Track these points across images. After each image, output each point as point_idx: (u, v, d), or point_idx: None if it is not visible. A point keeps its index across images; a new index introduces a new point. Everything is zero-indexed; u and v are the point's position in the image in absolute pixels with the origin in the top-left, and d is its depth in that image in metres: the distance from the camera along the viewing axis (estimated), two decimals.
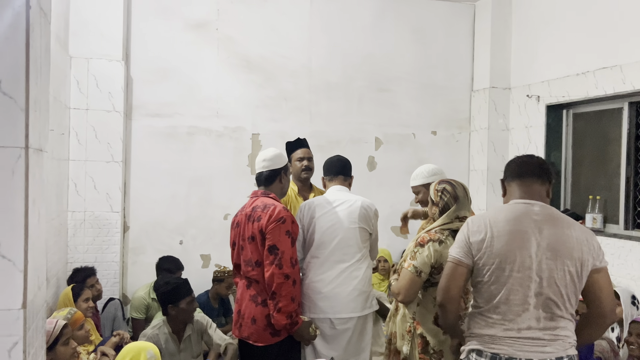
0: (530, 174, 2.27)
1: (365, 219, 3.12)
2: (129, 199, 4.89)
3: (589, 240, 2.18)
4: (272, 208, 2.82)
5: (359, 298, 3.05)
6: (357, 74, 5.48)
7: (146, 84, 4.91)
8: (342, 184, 3.24)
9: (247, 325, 2.90)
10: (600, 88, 4.48)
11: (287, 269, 2.74)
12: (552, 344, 2.08)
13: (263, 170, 3.00)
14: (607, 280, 2.18)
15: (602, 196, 4.66)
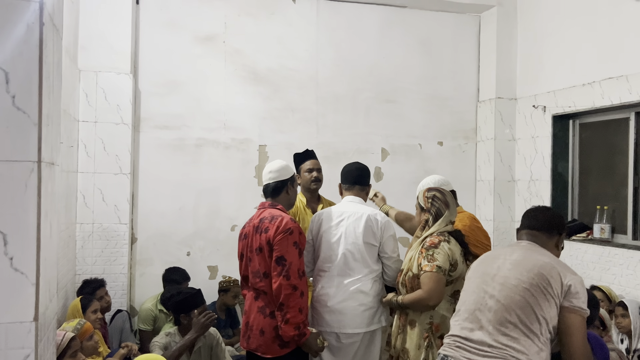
0: (537, 227, 2.40)
1: (371, 233, 3.03)
2: (137, 211, 4.91)
3: (563, 272, 2.18)
4: (280, 219, 2.83)
5: (366, 314, 3.01)
6: (363, 86, 5.51)
7: (154, 97, 4.95)
8: (357, 194, 3.19)
9: (255, 337, 2.89)
10: (607, 98, 4.48)
11: (294, 280, 2.75)
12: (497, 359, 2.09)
13: (270, 181, 3.01)
14: (579, 326, 2.12)
15: (609, 206, 4.64)
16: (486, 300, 2.21)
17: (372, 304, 3.03)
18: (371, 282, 3.03)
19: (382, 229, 3.05)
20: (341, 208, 3.14)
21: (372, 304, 3.02)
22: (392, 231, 3.09)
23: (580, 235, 4.79)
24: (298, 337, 2.77)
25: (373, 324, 3.04)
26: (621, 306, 3.79)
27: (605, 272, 4.43)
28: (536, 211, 2.47)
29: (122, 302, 4.63)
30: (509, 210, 5.54)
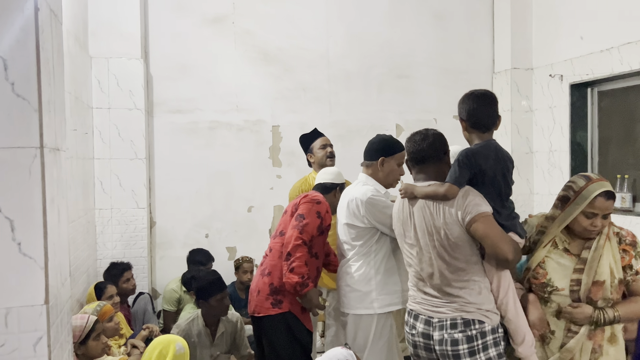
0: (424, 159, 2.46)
1: (353, 214, 2.88)
2: (154, 195, 4.96)
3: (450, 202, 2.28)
4: (315, 194, 3.02)
5: (351, 295, 2.91)
6: (375, 62, 5.43)
7: (166, 81, 4.96)
8: (365, 172, 2.99)
9: (253, 298, 3.00)
10: (626, 64, 4.34)
11: (306, 236, 2.85)
12: (447, 305, 2.30)
13: (324, 181, 3.19)
14: (484, 230, 2.21)
15: (630, 175, 4.53)
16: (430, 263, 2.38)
17: (358, 286, 2.89)
18: (357, 264, 2.90)
19: (364, 208, 2.82)
20: (347, 189, 3.08)
21: (357, 287, 2.89)
22: (378, 206, 2.80)
23: None
24: (300, 287, 2.80)
25: (359, 308, 2.88)
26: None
27: None
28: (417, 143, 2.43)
29: (144, 285, 4.71)
30: (527, 182, 5.45)
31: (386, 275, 2.88)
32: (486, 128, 2.40)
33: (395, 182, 3.00)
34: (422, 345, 2.37)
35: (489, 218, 2.22)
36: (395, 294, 2.89)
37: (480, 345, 2.25)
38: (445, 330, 2.28)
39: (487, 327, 2.27)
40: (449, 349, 2.26)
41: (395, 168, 2.93)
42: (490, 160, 2.30)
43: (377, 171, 2.94)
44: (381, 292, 2.86)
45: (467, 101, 2.43)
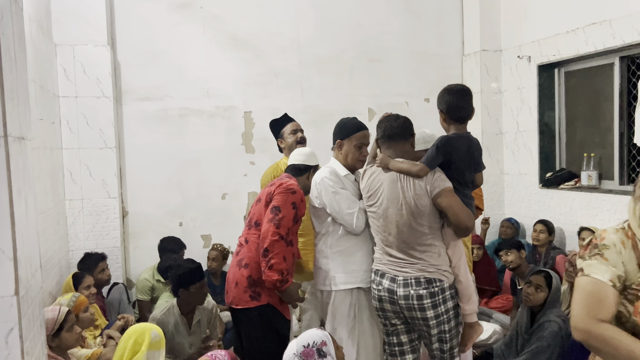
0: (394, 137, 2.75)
1: (312, 195, 3.01)
2: (126, 185, 4.89)
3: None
4: (287, 182, 2.94)
5: (316, 272, 3.06)
6: (346, 46, 5.42)
7: (134, 68, 4.87)
8: (335, 155, 3.04)
9: (231, 289, 2.97)
10: (591, 44, 4.43)
11: (283, 231, 2.82)
12: (411, 266, 2.63)
13: (297, 162, 3.13)
14: (448, 202, 2.54)
15: (596, 153, 4.65)
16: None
17: (319, 264, 3.02)
18: (319, 243, 3.04)
19: (317, 189, 2.94)
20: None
21: (318, 264, 3.03)
22: (327, 189, 2.88)
23: (569, 183, 4.81)
24: (280, 283, 2.80)
25: (324, 285, 2.99)
26: None
27: (593, 218, 4.47)
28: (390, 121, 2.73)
29: (118, 275, 4.66)
30: (497, 163, 5.55)
31: (344, 254, 2.92)
32: (463, 120, 2.69)
33: (358, 164, 2.99)
34: (387, 299, 2.70)
35: (452, 192, 2.58)
36: (353, 273, 2.91)
37: (440, 299, 2.63)
38: (410, 287, 2.62)
39: (445, 284, 2.65)
40: (415, 303, 2.61)
41: (353, 150, 2.94)
42: (461, 153, 2.61)
43: (337, 153, 3.00)
44: (338, 270, 2.92)
45: (447, 95, 2.69)
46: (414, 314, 2.66)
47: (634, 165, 4.39)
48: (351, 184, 2.95)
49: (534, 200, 5.15)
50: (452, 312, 2.68)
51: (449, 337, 2.69)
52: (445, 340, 2.69)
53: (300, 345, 2.16)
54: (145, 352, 2.71)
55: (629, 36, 4.08)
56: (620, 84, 4.38)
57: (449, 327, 2.68)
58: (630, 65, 4.35)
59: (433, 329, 2.66)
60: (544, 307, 3.26)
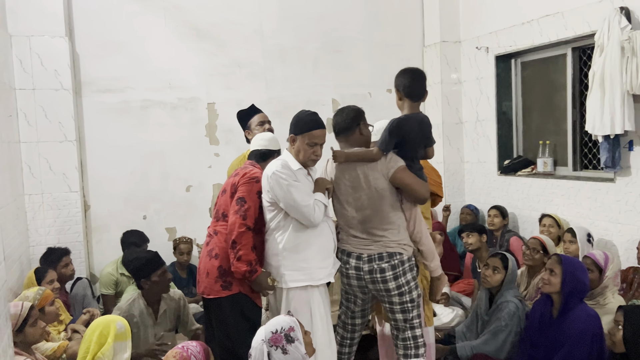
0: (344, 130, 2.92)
1: (264, 189, 2.89)
2: (87, 178, 4.82)
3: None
4: (251, 170, 2.95)
5: (266, 269, 2.95)
6: (310, 37, 5.46)
7: (94, 59, 4.79)
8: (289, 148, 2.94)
9: (202, 279, 3.01)
10: (545, 35, 4.60)
11: (250, 222, 2.84)
12: (374, 244, 2.84)
13: (260, 148, 3.12)
14: (403, 179, 2.78)
15: (551, 141, 4.84)
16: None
17: (269, 260, 2.93)
18: (269, 238, 2.93)
19: (268, 182, 2.83)
20: None
21: (269, 260, 2.93)
22: (281, 183, 2.77)
23: (526, 170, 4.99)
24: (249, 274, 2.83)
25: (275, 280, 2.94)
26: (570, 233, 4.01)
27: (549, 203, 4.66)
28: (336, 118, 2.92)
29: (81, 270, 4.61)
30: (457, 152, 5.70)
31: (293, 251, 2.84)
32: (417, 98, 2.92)
33: (310, 162, 2.88)
34: (354, 276, 2.91)
35: (405, 169, 2.81)
36: (302, 270, 2.84)
37: (401, 270, 2.85)
38: (374, 262, 2.82)
39: (405, 256, 2.86)
40: (378, 276, 2.83)
41: (305, 147, 2.81)
42: (413, 132, 2.83)
43: (290, 147, 2.89)
44: (288, 267, 2.85)
45: (404, 74, 2.95)
46: (377, 287, 2.86)
47: (586, 152, 4.59)
48: (304, 178, 2.86)
49: (493, 187, 5.33)
50: (412, 284, 2.90)
51: (411, 307, 2.90)
52: (407, 309, 2.90)
53: (268, 332, 2.21)
54: (112, 344, 2.71)
55: (580, 28, 4.25)
56: (573, 74, 4.56)
57: (410, 297, 2.88)
58: (582, 56, 4.53)
59: (395, 299, 2.87)
60: (501, 288, 3.39)
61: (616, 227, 4.09)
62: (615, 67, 3.77)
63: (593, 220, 4.25)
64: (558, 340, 2.98)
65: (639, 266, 3.69)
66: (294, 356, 2.17)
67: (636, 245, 3.70)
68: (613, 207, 4.10)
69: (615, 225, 4.09)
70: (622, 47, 3.72)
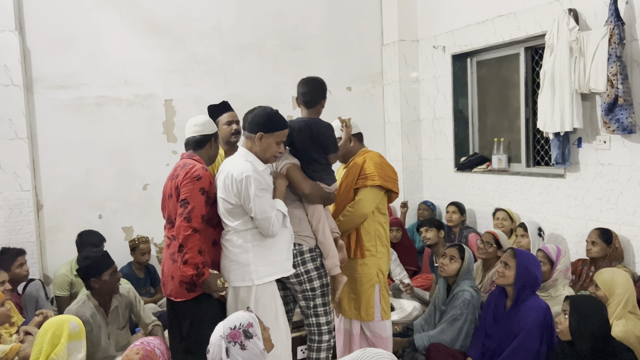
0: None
1: (225, 190, 2.84)
2: (40, 177, 4.71)
3: None
4: (191, 167, 2.89)
5: (230, 267, 2.90)
6: (269, 33, 5.47)
7: (46, 55, 4.68)
8: (244, 144, 2.93)
9: (168, 282, 2.99)
10: (499, 35, 4.75)
11: (195, 223, 2.80)
12: None
13: (194, 134, 3.04)
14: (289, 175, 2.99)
15: (505, 138, 5.00)
16: None
17: (236, 258, 2.89)
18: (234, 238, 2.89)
19: (236, 186, 2.79)
20: (225, 163, 3.00)
21: (235, 259, 2.89)
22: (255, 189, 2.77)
23: (481, 166, 5.14)
24: (197, 277, 2.82)
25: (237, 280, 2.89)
26: (522, 227, 4.17)
27: (503, 198, 4.82)
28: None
29: (34, 271, 4.50)
30: (416, 149, 5.82)
31: (264, 247, 2.87)
32: (310, 105, 3.14)
33: (272, 159, 2.97)
34: None
35: (294, 167, 3.02)
36: (274, 264, 2.89)
37: (299, 260, 3.02)
38: None
39: (304, 247, 3.04)
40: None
41: (273, 145, 2.88)
42: (302, 134, 3.04)
43: (255, 145, 2.88)
44: (259, 263, 2.86)
45: (300, 83, 3.20)
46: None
47: (538, 149, 4.76)
48: (269, 178, 2.91)
49: (450, 183, 5.46)
50: (313, 273, 3.05)
51: (311, 295, 3.06)
52: (308, 297, 3.07)
53: (226, 327, 2.22)
54: (66, 345, 2.67)
55: (532, 28, 4.41)
56: (525, 73, 4.72)
57: (310, 286, 3.05)
58: (534, 55, 4.70)
59: (296, 287, 3.05)
60: (457, 278, 3.50)
61: (566, 221, 4.26)
62: (564, 67, 3.93)
63: (545, 215, 4.42)
64: (511, 330, 3.09)
65: (587, 258, 3.86)
66: (252, 352, 2.19)
67: (585, 238, 3.87)
68: (563, 202, 4.28)
69: (566, 219, 4.27)
70: (571, 47, 3.89)
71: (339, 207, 3.39)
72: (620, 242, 3.76)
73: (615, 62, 3.63)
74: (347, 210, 3.31)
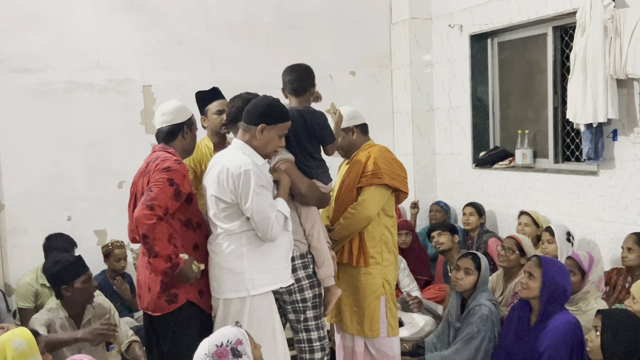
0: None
1: (221, 187, 2.81)
2: (0, 173, 4.70)
3: None
4: (163, 159, 2.86)
5: (221, 277, 2.87)
6: (262, 10, 5.45)
7: (7, 34, 4.67)
8: (241, 136, 2.91)
9: (145, 294, 2.97)
10: (524, 13, 4.73)
11: (159, 211, 2.74)
12: None
13: (163, 125, 3.00)
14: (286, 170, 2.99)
15: (531, 130, 4.98)
16: None
17: (228, 265, 2.85)
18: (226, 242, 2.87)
19: (233, 181, 2.77)
20: (217, 156, 2.99)
21: (227, 266, 2.85)
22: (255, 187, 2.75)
23: (503, 162, 5.12)
24: (171, 269, 2.79)
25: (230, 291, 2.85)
26: (548, 232, 4.16)
27: (528, 199, 4.80)
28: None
29: None
30: (428, 142, 5.80)
31: (260, 252, 2.84)
32: (299, 93, 3.17)
33: (273, 154, 2.98)
34: None
35: (289, 162, 3.02)
36: (271, 272, 2.86)
37: None
38: None
39: (295, 253, 3.01)
40: None
41: (275, 138, 2.86)
42: (297, 125, 3.01)
43: (254, 138, 2.86)
44: (254, 271, 2.83)
45: (285, 72, 3.23)
46: None
47: (568, 142, 4.75)
48: (269, 174, 2.90)
49: (467, 181, 5.45)
50: (304, 282, 3.04)
51: (302, 307, 3.05)
52: (298, 310, 3.05)
53: (212, 345, 2.20)
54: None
55: (561, 5, 4.39)
56: (554, 56, 4.71)
57: (301, 296, 3.03)
58: (564, 36, 4.68)
59: (285, 296, 3.04)
60: (474, 291, 3.48)
61: (599, 225, 4.25)
62: (597, 49, 3.92)
63: (575, 218, 4.41)
64: (536, 349, 3.09)
65: (622, 267, 3.84)
66: None
67: (620, 245, 3.85)
68: (596, 203, 4.26)
69: (599, 222, 4.26)
70: (605, 26, 3.87)
71: (339, 209, 3.38)
72: None
73: None
74: (349, 212, 3.30)
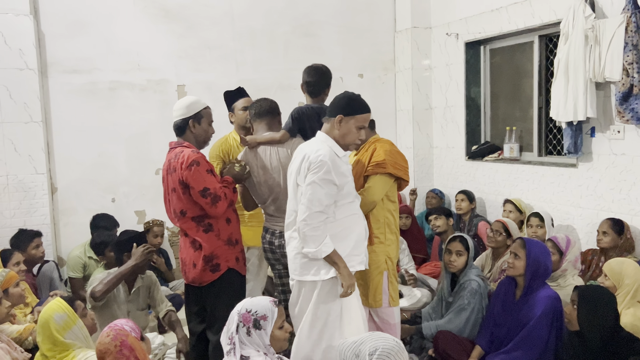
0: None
1: (299, 173, 2.69)
2: (54, 160, 4.74)
3: None
4: (182, 155, 2.85)
5: (297, 261, 2.74)
6: (281, 19, 5.43)
7: (60, 39, 4.69)
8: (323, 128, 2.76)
9: (190, 270, 2.99)
10: (513, 23, 4.67)
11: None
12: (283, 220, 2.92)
13: (175, 119, 2.99)
14: None
15: (517, 127, 4.94)
16: None
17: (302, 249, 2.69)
18: None
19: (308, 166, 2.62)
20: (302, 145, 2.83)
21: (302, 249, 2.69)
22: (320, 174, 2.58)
23: (492, 155, 5.09)
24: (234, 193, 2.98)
25: (304, 274, 2.72)
26: (537, 217, 4.11)
27: (514, 188, 4.77)
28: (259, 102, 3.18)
29: (49, 253, 4.55)
30: (427, 137, 5.77)
31: (337, 238, 2.67)
32: (314, 95, 3.23)
33: (353, 146, 2.78)
34: (269, 249, 3.18)
35: None
36: (349, 257, 2.70)
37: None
38: (283, 237, 2.95)
39: None
40: (285, 250, 2.93)
41: (353, 130, 2.68)
42: (313, 121, 3.04)
43: (334, 129, 2.69)
44: None
45: (305, 72, 3.27)
46: (284, 260, 3.00)
47: (550, 138, 4.70)
48: (346, 167, 2.72)
49: (461, 172, 5.42)
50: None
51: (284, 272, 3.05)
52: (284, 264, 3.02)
53: (244, 308, 2.22)
54: (61, 339, 2.50)
55: (547, 16, 4.33)
56: (539, 62, 4.65)
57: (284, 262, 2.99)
58: (548, 44, 4.62)
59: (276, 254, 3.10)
60: (465, 268, 3.48)
61: (577, 211, 4.22)
62: (579, 55, 3.87)
63: (556, 205, 4.38)
64: (520, 320, 3.08)
65: (597, 249, 3.82)
66: (255, 342, 2.18)
67: (596, 229, 3.82)
68: (575, 192, 4.23)
69: (577, 209, 4.22)
70: (586, 35, 3.82)
71: None
72: (631, 233, 3.72)
73: (632, 50, 3.56)
74: None
